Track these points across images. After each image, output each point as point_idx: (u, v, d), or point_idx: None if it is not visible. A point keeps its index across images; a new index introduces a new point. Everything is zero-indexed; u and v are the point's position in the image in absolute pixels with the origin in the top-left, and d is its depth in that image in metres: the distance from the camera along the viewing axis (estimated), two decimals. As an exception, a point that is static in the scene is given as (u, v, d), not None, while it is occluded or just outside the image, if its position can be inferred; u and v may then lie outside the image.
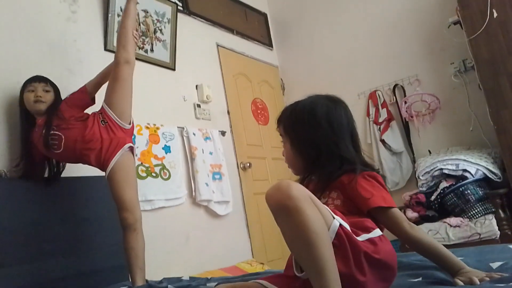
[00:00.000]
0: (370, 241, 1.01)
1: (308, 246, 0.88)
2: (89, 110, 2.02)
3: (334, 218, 0.97)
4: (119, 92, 1.91)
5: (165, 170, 2.73)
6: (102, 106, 1.94)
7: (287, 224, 0.92)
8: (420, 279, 1.12)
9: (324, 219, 0.93)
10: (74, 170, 2.15)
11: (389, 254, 1.03)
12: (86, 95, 2.00)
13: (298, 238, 0.90)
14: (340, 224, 0.97)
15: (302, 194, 0.91)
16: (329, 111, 1.19)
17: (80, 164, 2.04)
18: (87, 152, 1.86)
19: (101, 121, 1.89)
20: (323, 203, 1.14)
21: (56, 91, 1.99)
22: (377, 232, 1.04)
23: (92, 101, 2.05)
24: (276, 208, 0.93)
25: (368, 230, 1.04)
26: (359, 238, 1.00)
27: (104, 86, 2.02)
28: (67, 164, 2.10)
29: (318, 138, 1.16)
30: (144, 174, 2.59)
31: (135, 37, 2.00)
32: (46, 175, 2.06)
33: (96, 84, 2.06)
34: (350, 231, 0.99)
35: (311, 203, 0.92)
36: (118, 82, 1.91)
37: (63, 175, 2.11)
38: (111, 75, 1.95)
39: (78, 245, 2.03)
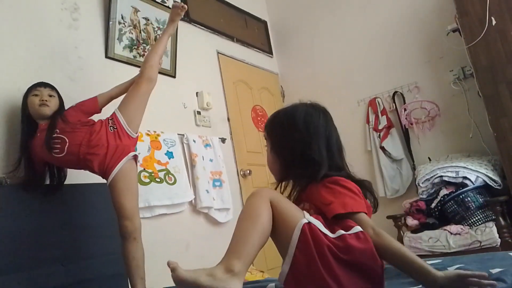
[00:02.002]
0: (341, 238, 1.00)
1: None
2: (95, 118, 2.04)
3: (304, 217, 1.02)
4: (135, 104, 2.00)
5: (170, 175, 2.73)
6: (114, 112, 1.98)
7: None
8: (420, 286, 1.11)
9: (292, 217, 1.02)
10: (74, 177, 2.14)
11: (362, 253, 0.99)
12: (96, 104, 2.07)
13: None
14: (309, 222, 1.00)
15: (259, 193, 1.07)
16: (307, 114, 1.22)
17: (81, 171, 2.04)
18: (91, 157, 1.86)
19: (110, 126, 1.92)
20: None
21: (60, 98, 2.02)
22: (355, 229, 1.03)
23: (99, 111, 2.10)
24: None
25: (346, 228, 1.03)
26: (333, 235, 1.01)
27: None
28: (68, 171, 2.10)
29: (293, 141, 1.19)
30: (147, 180, 2.58)
31: (160, 63, 2.18)
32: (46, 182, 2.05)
33: (108, 97, 2.12)
34: (321, 228, 1.01)
35: (263, 197, 1.04)
36: (137, 94, 2.01)
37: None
38: (132, 87, 2.04)
39: (78, 253, 2.02)
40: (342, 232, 1.02)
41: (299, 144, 1.18)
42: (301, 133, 1.18)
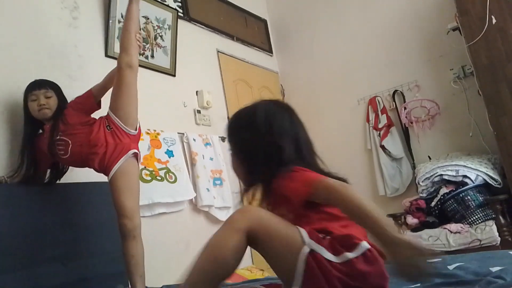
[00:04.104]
0: (349, 264, 0.93)
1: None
2: (97, 114, 2.01)
3: (305, 244, 0.93)
4: (123, 98, 1.88)
5: (170, 173, 2.73)
6: (107, 112, 1.92)
7: None
8: (418, 284, 1.11)
9: (289, 243, 0.93)
10: (74, 175, 2.15)
11: (372, 275, 0.94)
12: (92, 99, 1.99)
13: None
14: (311, 251, 0.92)
15: (234, 221, 1.01)
16: (269, 113, 1.13)
17: (81, 170, 2.05)
18: (92, 156, 1.86)
19: (107, 126, 1.87)
20: None
21: (59, 93, 1.96)
22: (361, 248, 0.95)
23: (98, 105, 2.03)
24: None
25: (351, 248, 0.95)
26: (338, 260, 0.94)
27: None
28: (68, 170, 2.10)
29: (255, 141, 1.11)
30: (148, 178, 2.58)
31: (138, 40, 1.94)
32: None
33: (101, 88, 2.03)
34: (325, 254, 0.93)
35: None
36: (122, 87, 1.87)
37: (63, 180, 2.10)
38: (114, 81, 1.92)
39: (78, 252, 2.02)
40: (348, 256, 0.94)
41: (263, 146, 1.09)
42: (264, 133, 1.09)
